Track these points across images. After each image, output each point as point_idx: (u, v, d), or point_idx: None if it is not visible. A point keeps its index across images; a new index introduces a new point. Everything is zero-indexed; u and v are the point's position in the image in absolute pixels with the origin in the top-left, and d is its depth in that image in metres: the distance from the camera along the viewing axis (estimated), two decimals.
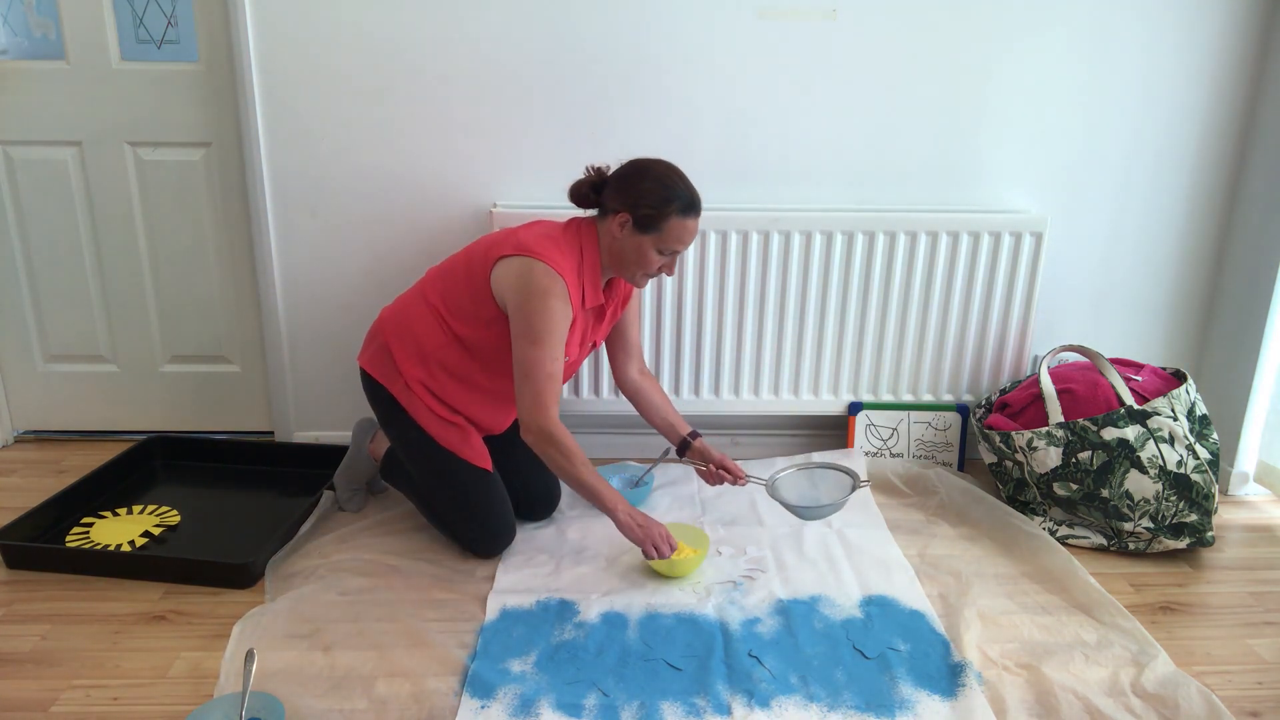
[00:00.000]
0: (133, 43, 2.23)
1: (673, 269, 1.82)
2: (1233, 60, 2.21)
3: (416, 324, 1.85)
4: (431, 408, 1.85)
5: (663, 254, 1.77)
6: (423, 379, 1.84)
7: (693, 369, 2.33)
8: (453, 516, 1.89)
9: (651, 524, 1.77)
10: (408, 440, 1.89)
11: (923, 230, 2.22)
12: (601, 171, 1.80)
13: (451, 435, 1.87)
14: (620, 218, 1.73)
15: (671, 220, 1.72)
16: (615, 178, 1.78)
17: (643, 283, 1.85)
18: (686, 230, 1.75)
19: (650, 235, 1.74)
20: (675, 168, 1.77)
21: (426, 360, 1.84)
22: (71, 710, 1.45)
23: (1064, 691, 1.49)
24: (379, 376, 1.88)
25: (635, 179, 1.74)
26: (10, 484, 2.26)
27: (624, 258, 1.78)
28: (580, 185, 1.80)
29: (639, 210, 1.72)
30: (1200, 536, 1.93)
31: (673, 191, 1.72)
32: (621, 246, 1.76)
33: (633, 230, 1.74)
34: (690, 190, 1.75)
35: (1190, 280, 2.40)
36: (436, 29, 2.13)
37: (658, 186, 1.72)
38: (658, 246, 1.75)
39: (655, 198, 1.71)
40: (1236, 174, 2.31)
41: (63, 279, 2.40)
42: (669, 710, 1.45)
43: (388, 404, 1.88)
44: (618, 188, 1.75)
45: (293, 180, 2.24)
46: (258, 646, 1.57)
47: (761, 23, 2.15)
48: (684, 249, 1.79)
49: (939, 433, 2.37)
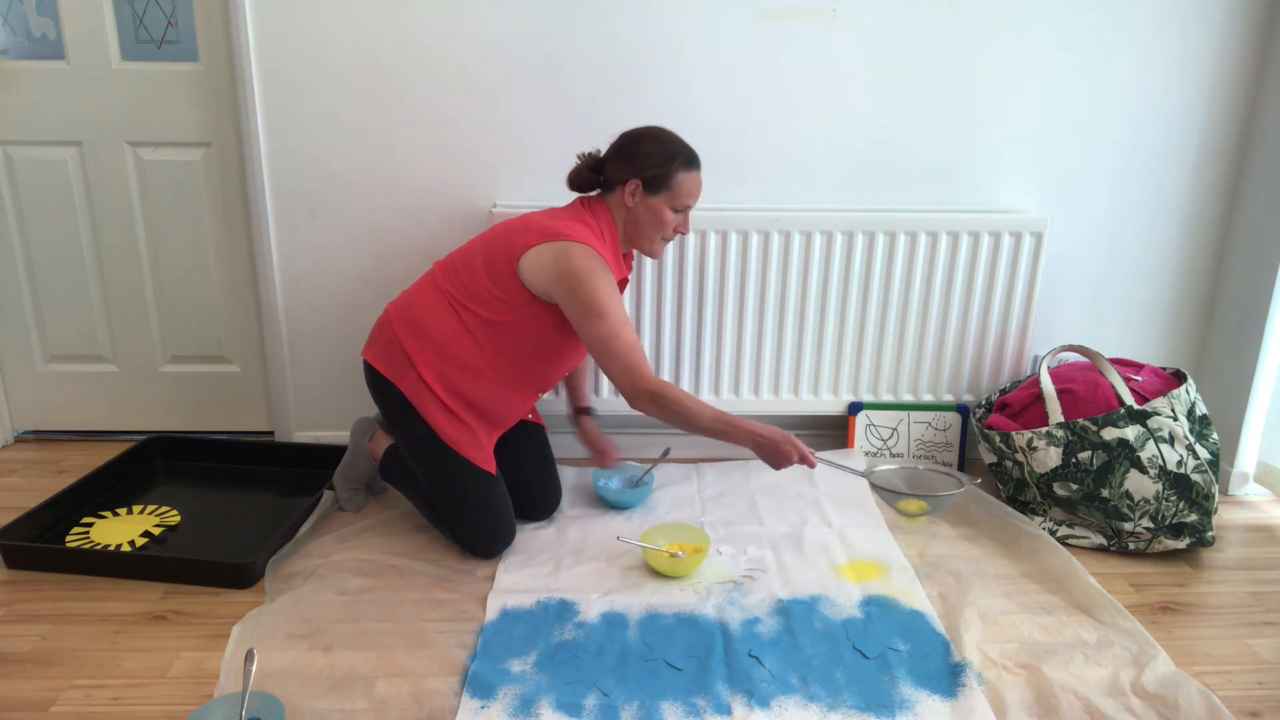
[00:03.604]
0: (133, 43, 2.23)
1: (687, 227, 1.89)
2: (1233, 60, 2.22)
3: (429, 316, 1.83)
4: (443, 400, 1.83)
5: (677, 211, 1.83)
6: (436, 367, 1.82)
7: (693, 369, 2.33)
8: (453, 516, 1.89)
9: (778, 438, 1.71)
10: (413, 438, 1.87)
11: (922, 230, 2.22)
12: (593, 155, 1.86)
13: (458, 434, 1.85)
14: (630, 186, 1.79)
15: (679, 175, 1.79)
16: (613, 150, 1.83)
17: (660, 250, 1.90)
18: (694, 182, 1.83)
19: (662, 195, 1.80)
20: (666, 128, 1.85)
21: (441, 350, 1.82)
22: (71, 710, 1.45)
23: (1064, 691, 1.49)
24: (386, 371, 1.86)
25: (634, 145, 1.81)
26: (10, 484, 2.26)
27: (641, 225, 1.83)
28: (579, 170, 1.85)
29: (647, 172, 1.78)
30: (1200, 536, 1.93)
31: (673, 148, 1.80)
32: (637, 214, 1.82)
33: (644, 194, 1.80)
34: (687, 145, 1.83)
35: (1190, 280, 2.40)
36: (436, 29, 2.13)
37: (658, 147, 1.79)
38: (671, 204, 1.82)
39: (659, 157, 1.78)
40: (1236, 174, 2.31)
41: (63, 279, 2.40)
42: (669, 710, 1.45)
43: (394, 399, 1.86)
44: (618, 158, 1.81)
45: (293, 180, 2.24)
46: (258, 646, 1.57)
47: (761, 22, 2.15)
48: (694, 203, 1.86)
49: (939, 433, 2.37)
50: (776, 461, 1.73)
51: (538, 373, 1.89)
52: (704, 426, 1.72)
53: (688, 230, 1.89)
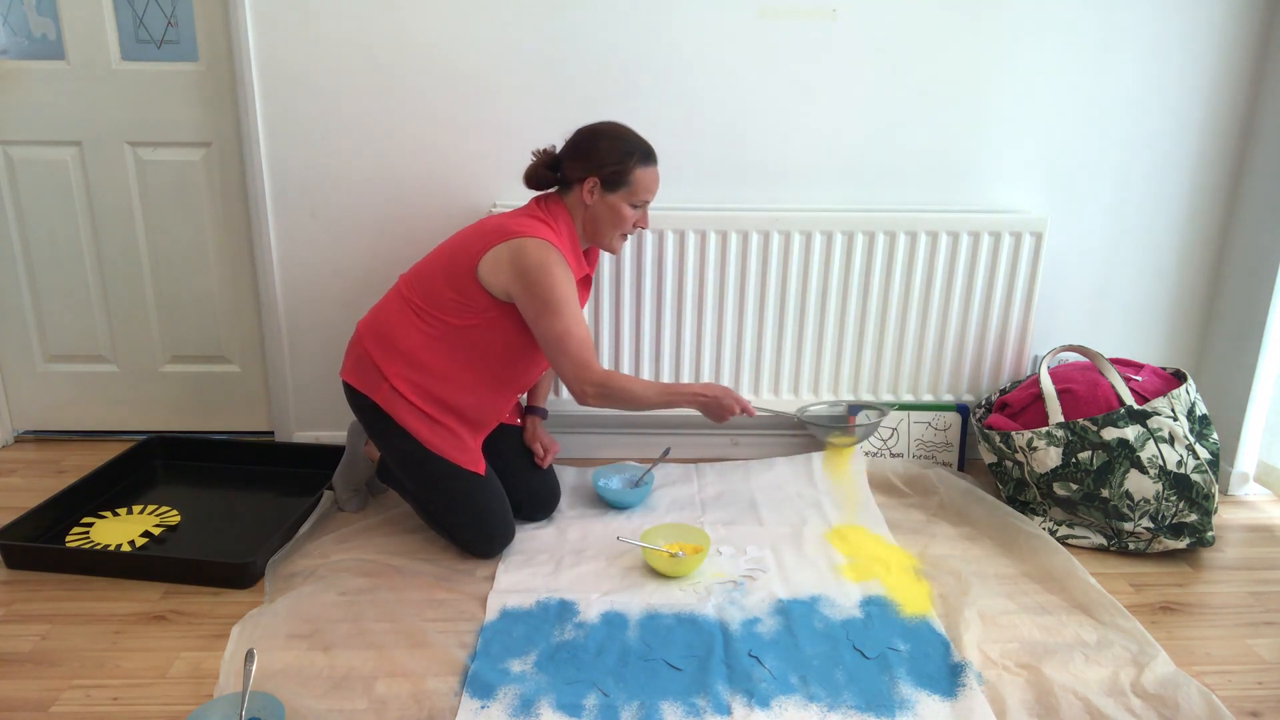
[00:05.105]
0: (133, 43, 2.23)
1: (646, 222, 1.90)
2: (1233, 60, 2.22)
3: (396, 328, 1.84)
4: (419, 408, 1.83)
5: (635, 207, 1.84)
6: (407, 377, 1.83)
7: (693, 369, 2.33)
8: (450, 521, 1.89)
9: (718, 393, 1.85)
10: (397, 450, 1.87)
11: (923, 230, 2.22)
12: (549, 151, 1.86)
13: (440, 439, 1.85)
14: (588, 184, 1.80)
15: (636, 171, 1.80)
16: (569, 147, 1.84)
17: (619, 246, 1.90)
18: (652, 178, 1.84)
19: (621, 191, 1.81)
20: (622, 124, 1.85)
21: (411, 359, 1.82)
22: (71, 710, 1.45)
23: (1064, 691, 1.49)
24: (361, 386, 1.86)
25: (590, 143, 1.81)
26: (10, 484, 2.26)
27: (600, 222, 1.84)
28: (535, 168, 1.85)
29: (605, 170, 1.79)
30: (1200, 536, 1.93)
31: (630, 144, 1.80)
32: (596, 212, 1.83)
33: (603, 191, 1.81)
34: (643, 140, 1.83)
35: (1190, 280, 2.40)
36: (436, 29, 2.13)
37: (614, 144, 1.80)
38: (629, 201, 1.82)
39: (616, 154, 1.79)
40: (1236, 174, 2.31)
41: (63, 279, 2.40)
42: (669, 710, 1.45)
43: (372, 414, 1.86)
44: (575, 157, 1.82)
45: (293, 180, 2.24)
46: (258, 646, 1.57)
47: (761, 22, 2.15)
48: (652, 198, 1.87)
49: (939, 433, 2.37)
50: (720, 414, 1.86)
51: (510, 372, 1.89)
52: (652, 403, 1.82)
53: (646, 225, 1.91)
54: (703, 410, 1.87)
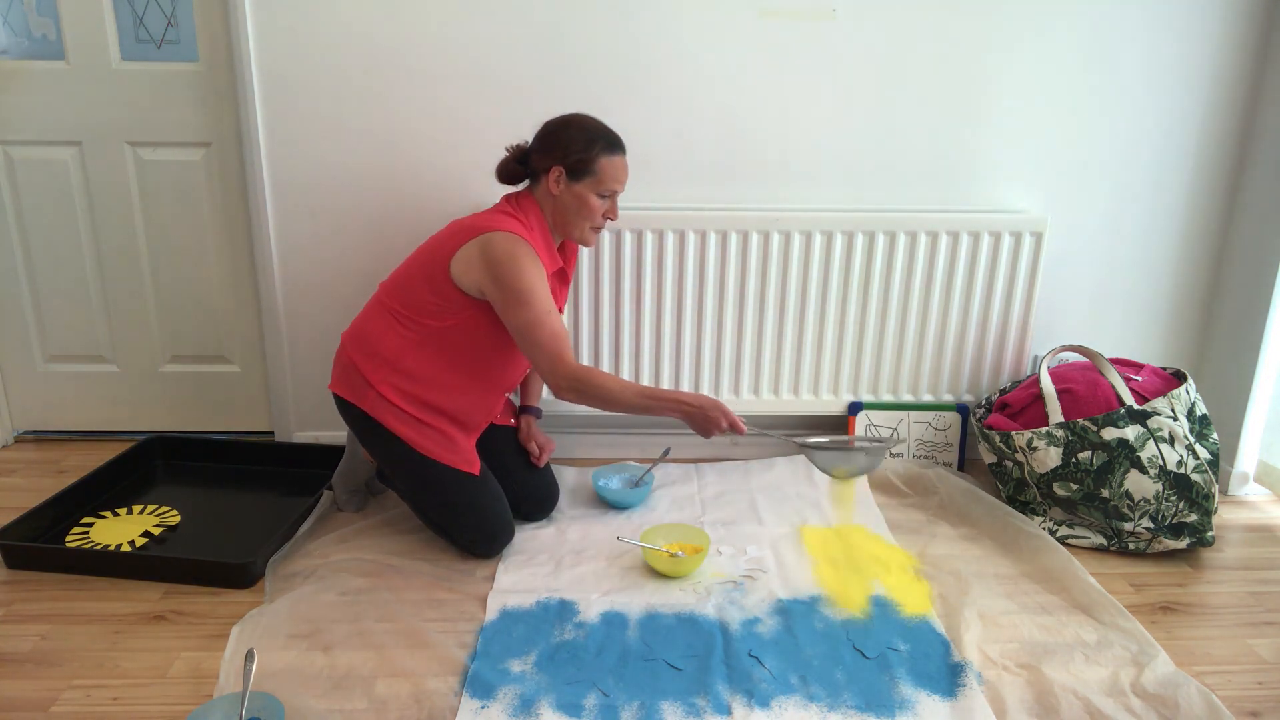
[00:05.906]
0: (133, 43, 2.23)
1: (616, 213, 1.89)
2: (1233, 60, 2.21)
3: (379, 335, 1.85)
4: (408, 412, 1.83)
5: (603, 197, 1.83)
6: (393, 383, 1.83)
7: (693, 369, 2.33)
8: (449, 522, 1.89)
9: (706, 404, 1.75)
10: (390, 456, 1.87)
11: (923, 230, 2.22)
12: (521, 146, 1.87)
13: (432, 442, 1.85)
14: (554, 174, 1.80)
15: (601, 160, 1.79)
16: (536, 140, 1.85)
17: (592, 238, 1.89)
18: (618, 167, 1.82)
19: (586, 180, 1.80)
20: (589, 115, 1.85)
21: (395, 364, 1.83)
22: (71, 710, 1.45)
23: (1064, 691, 1.49)
24: (349, 395, 1.87)
25: (556, 133, 1.82)
26: (10, 484, 2.26)
27: (568, 212, 1.84)
28: (506, 162, 1.87)
29: (569, 159, 1.79)
30: (1200, 536, 1.93)
31: (595, 133, 1.80)
32: (563, 202, 1.83)
33: (568, 181, 1.81)
34: (610, 130, 1.83)
35: (1190, 280, 2.40)
36: (436, 29, 2.13)
37: (579, 133, 1.80)
38: (596, 190, 1.81)
39: (581, 142, 1.79)
40: (1236, 174, 2.31)
41: (63, 279, 2.40)
42: (669, 710, 1.45)
43: (363, 422, 1.87)
44: (542, 147, 1.82)
45: (293, 180, 2.24)
46: (258, 646, 1.57)
47: (761, 22, 2.15)
48: (621, 189, 1.85)
49: (939, 433, 2.37)
50: (706, 429, 1.76)
51: (493, 370, 1.89)
52: (630, 405, 1.76)
53: (616, 216, 1.89)
54: (687, 421, 1.77)
